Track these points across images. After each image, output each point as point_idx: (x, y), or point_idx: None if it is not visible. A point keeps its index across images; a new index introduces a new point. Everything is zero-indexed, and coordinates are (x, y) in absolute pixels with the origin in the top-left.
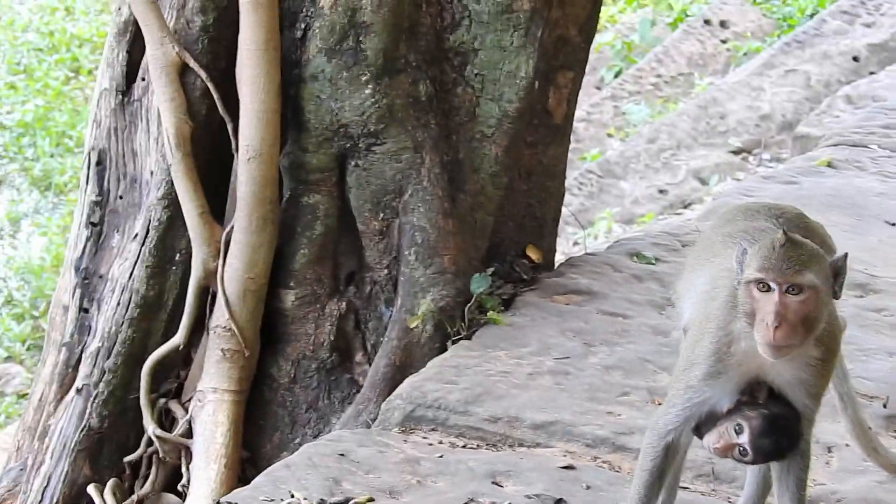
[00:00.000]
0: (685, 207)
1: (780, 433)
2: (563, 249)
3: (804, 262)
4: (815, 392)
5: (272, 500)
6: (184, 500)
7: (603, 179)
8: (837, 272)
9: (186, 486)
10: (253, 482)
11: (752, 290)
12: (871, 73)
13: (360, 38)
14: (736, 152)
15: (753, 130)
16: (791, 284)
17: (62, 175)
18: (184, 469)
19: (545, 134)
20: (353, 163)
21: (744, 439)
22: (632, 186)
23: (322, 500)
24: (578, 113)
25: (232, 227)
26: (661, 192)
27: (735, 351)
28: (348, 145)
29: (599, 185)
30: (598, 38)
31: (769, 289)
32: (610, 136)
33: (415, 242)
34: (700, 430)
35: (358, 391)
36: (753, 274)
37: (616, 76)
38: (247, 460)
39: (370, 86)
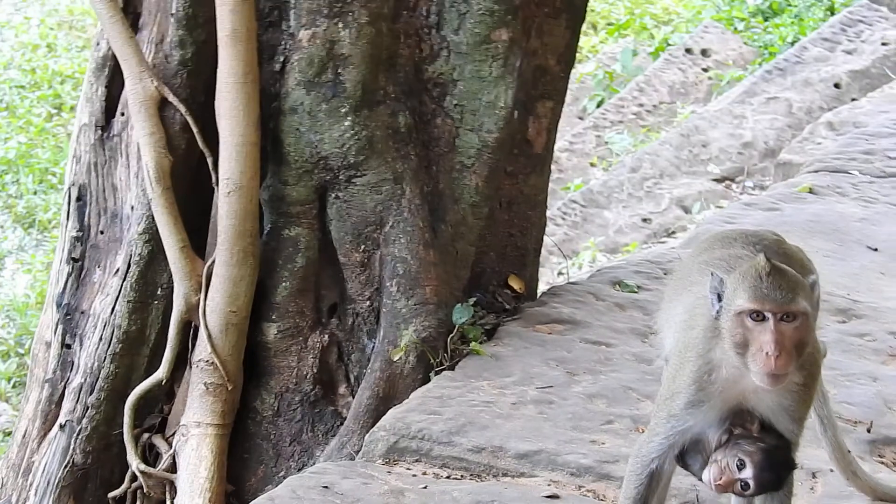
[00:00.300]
0: (669, 236)
1: (781, 465)
2: (548, 279)
3: (794, 289)
4: (799, 417)
5: None
6: None
7: (586, 209)
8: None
9: None
10: None
11: (744, 321)
12: (853, 99)
13: (339, 71)
14: (719, 180)
15: (736, 158)
16: (786, 313)
17: (46, 212)
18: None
19: (525, 164)
20: (333, 195)
21: (747, 474)
22: (615, 216)
23: None
24: (561, 143)
25: (213, 261)
26: (644, 220)
27: (716, 379)
28: (328, 177)
29: (583, 214)
30: (580, 68)
31: (763, 318)
32: (593, 165)
33: (396, 274)
34: (684, 458)
35: (342, 423)
36: (746, 305)
37: (598, 106)
38: (231, 494)
39: (349, 118)
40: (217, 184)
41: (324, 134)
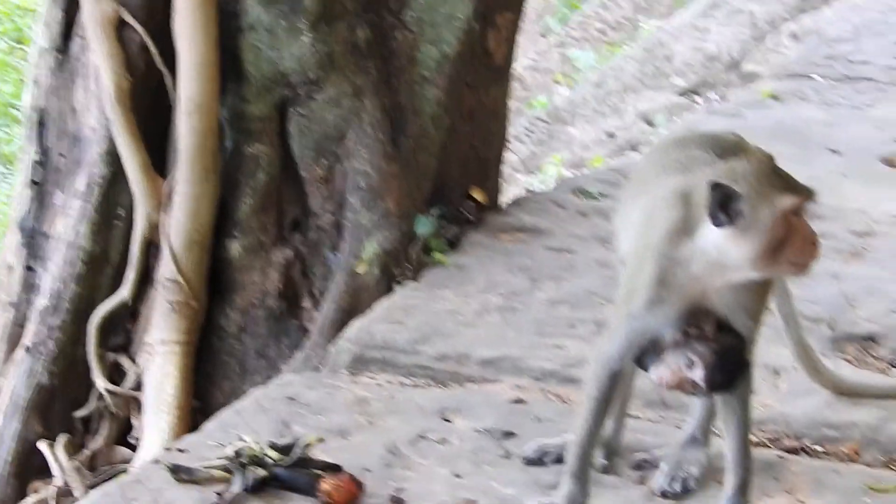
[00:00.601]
0: (634, 150)
1: (733, 366)
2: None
3: None
4: (757, 314)
5: (222, 445)
6: (136, 453)
7: (551, 126)
8: None
9: (138, 439)
10: (202, 428)
11: (788, 219)
12: (816, 8)
13: None
14: (683, 93)
15: (700, 71)
16: (812, 198)
17: (9, 145)
18: (135, 421)
19: (486, 75)
20: (293, 111)
21: (696, 374)
22: (580, 131)
23: (272, 442)
24: (524, 61)
25: (174, 180)
26: (609, 135)
27: (678, 278)
28: (288, 94)
29: (548, 131)
30: None
31: (799, 211)
32: (557, 82)
33: (358, 187)
34: (642, 360)
35: (307, 337)
36: (792, 201)
37: (562, 23)
38: (198, 410)
39: (308, 34)
40: (176, 103)
41: (283, 50)
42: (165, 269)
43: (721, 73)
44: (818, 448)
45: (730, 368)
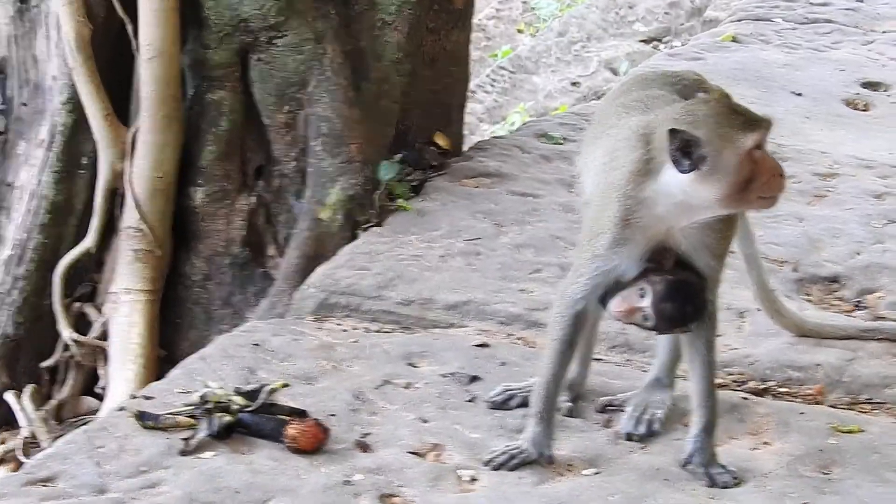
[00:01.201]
0: (598, 98)
1: (684, 299)
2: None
3: None
4: (719, 253)
5: (187, 392)
6: (102, 402)
7: (515, 75)
8: None
9: (104, 388)
10: (168, 375)
11: (753, 155)
12: None
13: None
14: (646, 41)
15: (663, 18)
16: (770, 128)
17: None
18: (101, 371)
19: (447, 20)
20: (255, 57)
21: (646, 303)
22: (544, 80)
23: (237, 388)
24: (487, 10)
25: (137, 128)
26: (573, 84)
27: (642, 217)
28: (249, 40)
29: (512, 80)
30: None
31: (761, 146)
32: (520, 31)
33: (321, 133)
34: (604, 299)
35: (272, 284)
36: (755, 137)
37: None
38: (164, 359)
39: None
40: (138, 50)
41: None
42: (129, 217)
43: (683, 21)
44: (783, 390)
45: (681, 301)
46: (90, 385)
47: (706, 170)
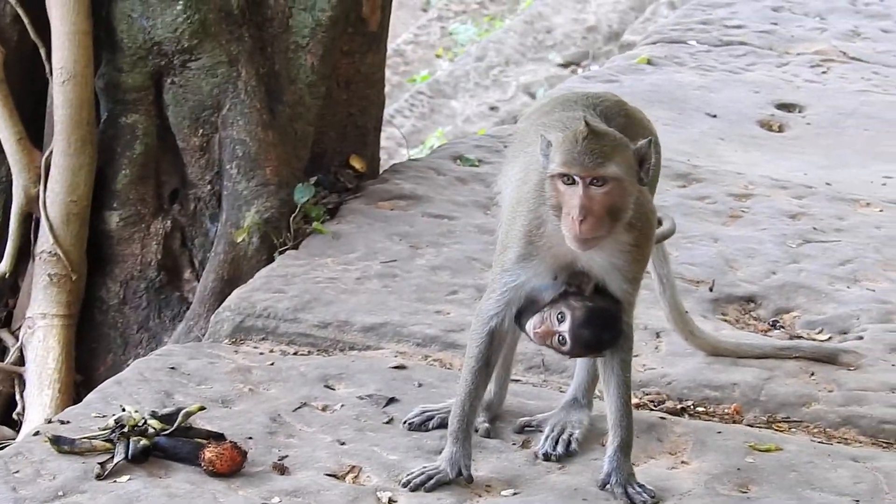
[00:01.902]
0: (516, 122)
1: (602, 326)
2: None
3: (606, 154)
4: (632, 276)
5: (104, 416)
6: (19, 429)
7: (434, 100)
8: (643, 158)
9: (21, 415)
10: (84, 399)
11: (557, 184)
12: None
13: None
14: (564, 65)
15: (581, 43)
16: (594, 177)
17: None
18: (17, 397)
19: (361, 42)
20: (169, 80)
21: (564, 328)
22: (463, 105)
23: (154, 412)
24: (405, 35)
25: (51, 152)
26: (491, 108)
27: (546, 233)
28: (163, 63)
29: (430, 105)
30: None
31: (573, 182)
32: (438, 56)
33: (236, 156)
34: (521, 319)
35: (188, 308)
36: (558, 168)
37: None
38: (81, 384)
39: (181, 2)
40: (51, 73)
41: (156, 19)
42: (44, 242)
43: (601, 45)
44: (700, 409)
45: (598, 328)
46: (7, 412)
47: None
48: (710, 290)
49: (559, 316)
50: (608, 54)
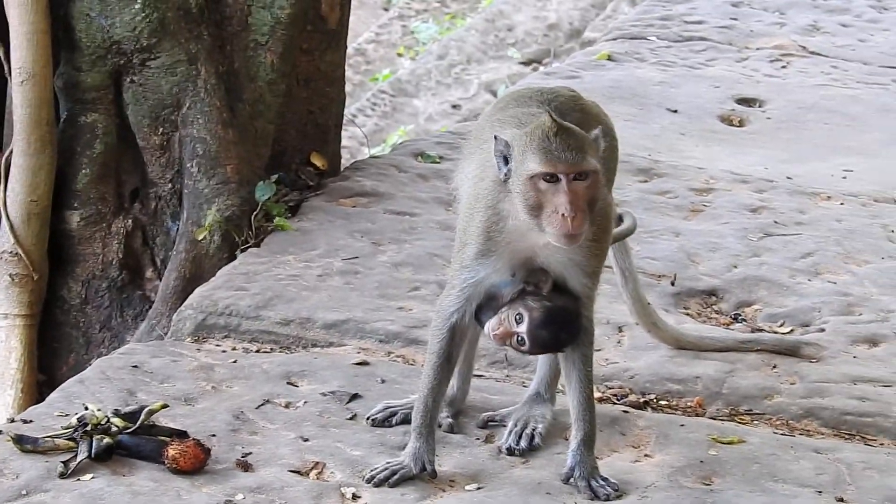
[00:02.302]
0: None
1: (559, 326)
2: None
3: (583, 148)
4: (592, 271)
5: (66, 415)
6: None
7: (396, 98)
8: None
9: None
10: (47, 398)
11: (537, 184)
12: None
13: None
14: (526, 63)
15: (542, 40)
16: (578, 172)
17: None
18: None
19: (321, 40)
20: (128, 79)
21: (523, 328)
22: (425, 104)
23: (116, 410)
24: (367, 35)
25: (11, 152)
26: (454, 107)
27: (504, 229)
28: (122, 62)
29: (392, 104)
30: None
31: (556, 180)
32: (400, 55)
33: (196, 154)
34: (480, 315)
35: (150, 307)
36: (538, 168)
37: None
38: (43, 383)
39: (139, 1)
40: (9, 73)
41: (115, 18)
42: (5, 242)
43: (562, 43)
44: (663, 402)
45: (556, 328)
46: None
47: (510, 183)
48: (672, 284)
49: (517, 317)
50: (570, 51)
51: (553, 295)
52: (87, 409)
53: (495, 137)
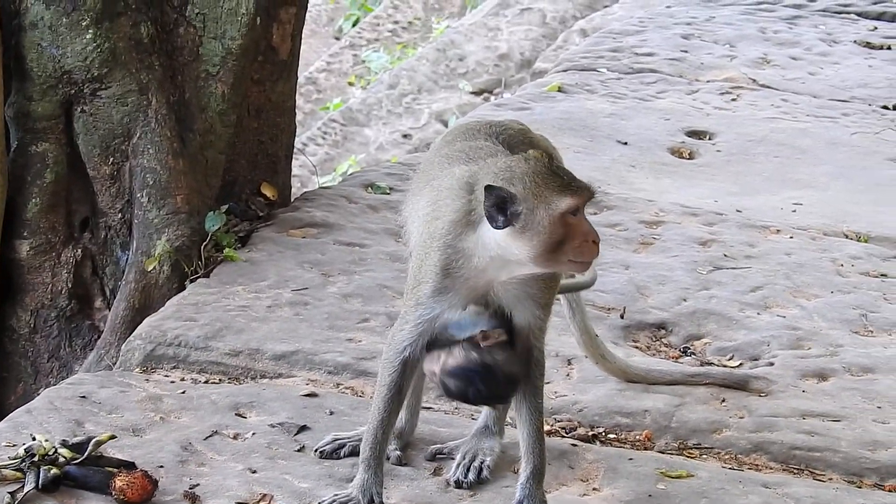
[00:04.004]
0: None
1: (469, 382)
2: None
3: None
4: (544, 303)
5: (14, 445)
6: None
7: (346, 128)
8: None
9: None
10: None
11: (566, 219)
12: (606, 6)
13: None
14: (477, 93)
15: (493, 70)
16: (591, 197)
17: None
18: None
19: (272, 70)
20: (79, 109)
21: (437, 369)
22: (376, 133)
23: (64, 441)
24: (318, 64)
25: None
26: (404, 136)
27: (463, 267)
28: (73, 91)
29: (343, 133)
30: None
31: (577, 210)
32: (351, 84)
33: (146, 184)
34: (431, 349)
35: (99, 337)
36: (570, 202)
37: (354, 25)
38: None
39: (90, 30)
40: None
41: (66, 48)
42: None
43: (514, 73)
44: (612, 436)
45: (465, 382)
46: None
47: (519, 227)
48: (622, 317)
49: (437, 357)
50: (521, 81)
51: (495, 350)
52: (34, 439)
53: (487, 188)
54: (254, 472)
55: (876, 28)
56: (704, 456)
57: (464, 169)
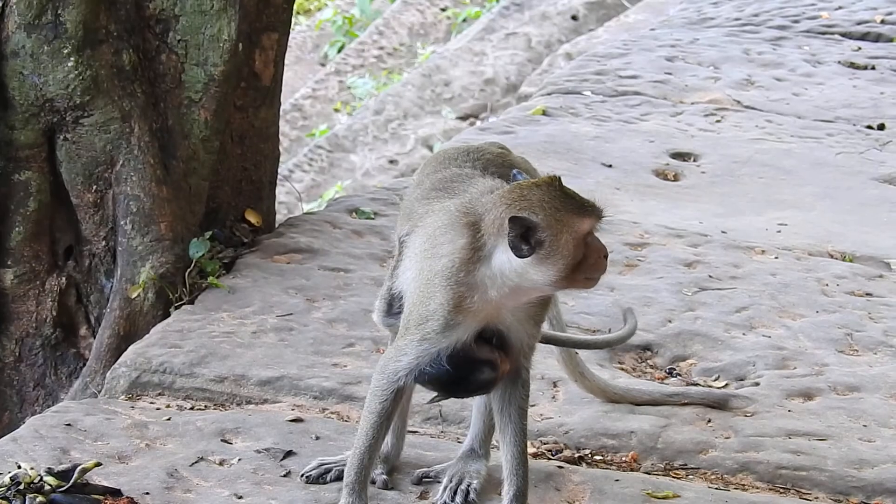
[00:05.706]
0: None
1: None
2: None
3: None
4: (539, 321)
5: (0, 474)
6: None
7: (332, 154)
8: None
9: None
10: None
11: (586, 239)
12: (591, 30)
13: (59, 11)
14: (462, 118)
15: (478, 95)
16: (603, 216)
17: None
18: None
19: (255, 97)
20: (61, 137)
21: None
22: (362, 159)
23: (50, 469)
24: (303, 90)
25: None
26: (391, 162)
27: (474, 302)
28: (55, 119)
29: (329, 159)
30: (319, 15)
31: (593, 229)
32: (337, 111)
33: (130, 212)
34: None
35: (84, 365)
36: (591, 222)
37: (339, 51)
38: None
39: (72, 58)
40: None
41: (48, 76)
42: None
43: (499, 97)
44: (598, 457)
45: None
46: None
47: (543, 254)
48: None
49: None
50: (506, 106)
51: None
52: (20, 467)
53: (512, 220)
54: (240, 497)
55: (860, 48)
56: (691, 476)
57: (456, 203)
